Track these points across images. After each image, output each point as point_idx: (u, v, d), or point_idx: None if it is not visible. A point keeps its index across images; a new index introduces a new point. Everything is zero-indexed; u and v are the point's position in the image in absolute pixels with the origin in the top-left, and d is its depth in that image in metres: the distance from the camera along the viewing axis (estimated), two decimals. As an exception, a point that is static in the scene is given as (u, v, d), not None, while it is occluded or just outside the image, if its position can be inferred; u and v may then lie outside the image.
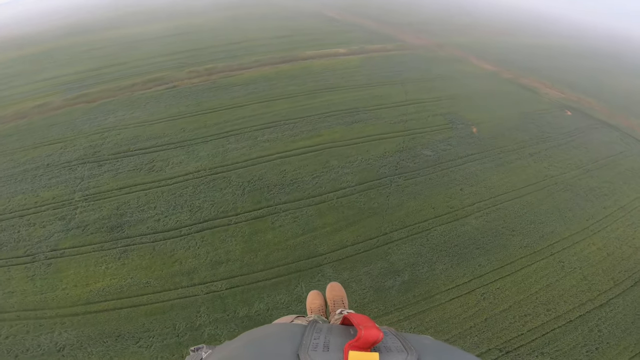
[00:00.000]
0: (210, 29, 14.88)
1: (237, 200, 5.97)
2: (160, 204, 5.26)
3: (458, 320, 4.69)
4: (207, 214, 5.47)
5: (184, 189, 5.94)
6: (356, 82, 9.99)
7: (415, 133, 8.04)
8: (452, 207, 6.35)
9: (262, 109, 8.52)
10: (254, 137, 7.55)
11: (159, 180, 6.00)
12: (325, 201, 6.11)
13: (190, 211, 5.39)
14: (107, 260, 4.23)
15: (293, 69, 10.77)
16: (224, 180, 6.43)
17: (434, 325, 4.52)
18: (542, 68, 14.29)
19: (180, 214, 5.26)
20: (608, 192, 7.38)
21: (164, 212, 5.04)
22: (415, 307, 4.69)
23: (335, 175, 6.59)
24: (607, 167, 8.17)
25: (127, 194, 5.53)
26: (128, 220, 4.84)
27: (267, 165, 6.77)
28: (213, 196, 5.95)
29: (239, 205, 5.88)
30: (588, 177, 7.71)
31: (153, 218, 4.87)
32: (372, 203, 6.16)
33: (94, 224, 4.96)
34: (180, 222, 5.08)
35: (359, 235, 5.63)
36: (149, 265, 4.52)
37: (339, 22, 15.64)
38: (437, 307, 4.83)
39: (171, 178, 6.16)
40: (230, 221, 5.47)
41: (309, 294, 1.72)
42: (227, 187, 6.24)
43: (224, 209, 5.71)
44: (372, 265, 5.25)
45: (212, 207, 5.68)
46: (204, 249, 4.88)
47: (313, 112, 8.37)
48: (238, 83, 9.94)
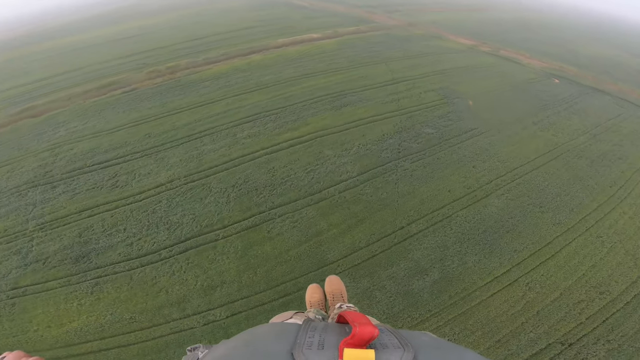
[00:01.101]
0: (171, 27, 13.41)
1: (223, 210, 4.85)
2: (130, 224, 4.61)
3: (506, 317, 3.87)
4: (189, 230, 4.54)
5: (157, 204, 4.96)
6: (337, 65, 8.92)
7: (411, 111, 7.07)
8: (469, 187, 5.41)
9: (237, 103, 7.27)
10: (232, 134, 6.32)
11: (126, 197, 5.08)
12: (325, 198, 5.01)
13: (168, 230, 4.50)
14: (79, 295, 3.69)
15: (266, 58, 9.54)
16: (204, 188, 5.24)
17: (480, 327, 3.69)
18: (517, 40, 13.88)
19: (157, 234, 4.42)
20: (621, 155, 6.79)
21: (137, 234, 4.48)
22: (453, 309, 3.84)
23: (332, 167, 5.47)
24: (611, 131, 7.62)
25: (89, 217, 4.70)
26: (94, 247, 4.19)
27: (252, 165, 5.59)
28: (193, 208, 4.88)
29: (225, 216, 4.76)
30: (597, 142, 7.09)
31: (124, 242, 4.34)
32: (380, 194, 5.11)
33: (55, 255, 4.14)
34: (157, 243, 4.30)
35: (373, 234, 4.58)
36: (129, 298, 3.72)
37: (307, 8, 14.50)
38: (478, 305, 3.95)
39: (140, 193, 5.15)
40: (217, 236, 4.50)
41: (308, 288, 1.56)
42: (209, 196, 5.08)
43: (208, 223, 4.68)
44: (394, 267, 4.26)
45: (194, 222, 4.66)
46: (192, 273, 3.99)
47: (295, 100, 7.22)
48: (206, 78, 8.63)
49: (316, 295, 1.58)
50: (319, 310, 1.23)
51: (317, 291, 1.62)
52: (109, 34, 13.09)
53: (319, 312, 1.20)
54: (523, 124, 7.36)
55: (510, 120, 7.45)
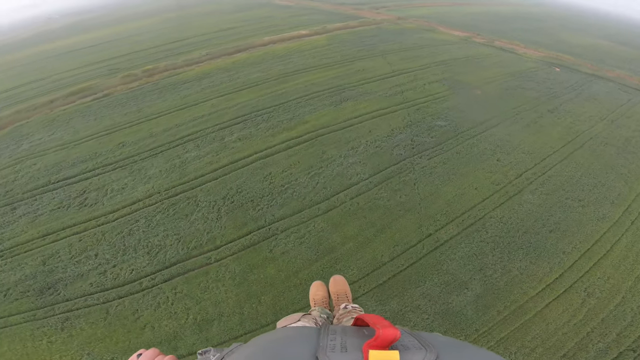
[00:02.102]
0: (148, 32, 12.43)
1: (213, 228, 4.03)
2: (102, 249, 3.83)
3: (568, 328, 3.23)
4: (174, 254, 3.73)
5: (134, 223, 4.11)
6: (330, 59, 8.14)
7: (418, 103, 6.32)
8: (498, 183, 4.66)
9: (223, 104, 6.39)
10: (219, 138, 5.43)
11: (96, 217, 4.22)
12: (335, 206, 4.17)
13: (148, 254, 3.72)
14: (47, 332, 3.11)
15: (253, 56, 8.68)
16: (189, 202, 4.39)
17: (540, 342, 3.10)
18: (508, 31, 13.47)
19: (135, 259, 3.66)
20: None
21: (111, 261, 3.72)
22: (505, 325, 3.26)
23: (339, 169, 4.64)
24: (626, 117, 7.09)
25: (54, 242, 3.93)
26: (61, 277, 3.53)
27: (245, 172, 4.71)
28: (177, 228, 4.03)
29: (216, 235, 3.93)
30: (617, 128, 6.52)
31: (96, 270, 3.63)
32: (398, 197, 4.30)
33: (17, 286, 3.42)
34: (137, 271, 3.52)
35: (396, 245, 3.77)
36: (108, 335, 3.01)
37: (293, 7, 13.75)
38: (533, 318, 3.28)
39: (113, 212, 4.28)
40: (209, 259, 3.69)
41: (312, 285, 1.47)
42: (195, 212, 4.25)
43: (196, 244, 3.84)
44: (426, 283, 3.51)
45: (179, 244, 3.84)
46: (182, 305, 3.25)
47: (289, 97, 6.38)
48: (188, 80, 7.72)
49: (320, 293, 1.50)
50: (323, 309, 1.18)
51: (321, 288, 1.53)
52: (81, 42, 12.02)
53: (324, 310, 1.16)
54: (538, 112, 6.72)
55: (525, 108, 6.80)
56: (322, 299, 1.61)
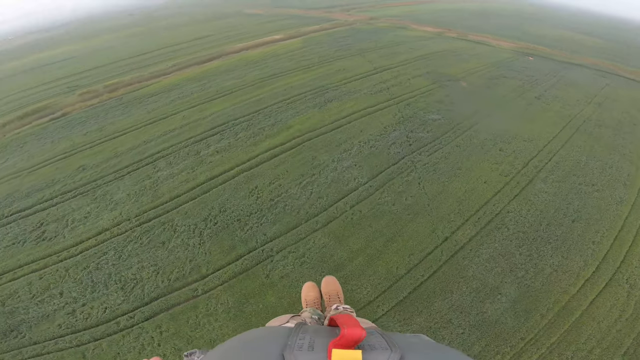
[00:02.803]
0: (110, 47, 11.52)
1: (196, 255, 3.48)
2: (67, 287, 3.32)
3: (621, 324, 2.91)
4: (153, 288, 3.19)
5: (102, 256, 3.53)
6: (308, 61, 7.64)
7: (405, 99, 5.89)
8: (506, 174, 4.23)
9: (196, 114, 5.70)
10: (194, 152, 4.76)
11: (57, 251, 3.65)
12: (335, 217, 3.58)
13: (122, 290, 3.22)
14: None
15: (225, 63, 8.05)
16: (165, 227, 3.79)
17: (596, 343, 2.79)
18: (477, 25, 13.58)
19: (107, 296, 3.14)
20: (635, 121, 6.12)
21: (79, 299, 3.18)
22: (553, 329, 2.89)
23: (333, 175, 4.07)
24: (611, 99, 7.01)
25: (11, 281, 3.46)
26: (24, 319, 3.10)
27: (227, 188, 4.07)
28: (154, 257, 3.45)
29: (201, 262, 3.37)
30: (605, 110, 6.40)
31: (63, 310, 3.09)
32: (404, 199, 3.76)
33: None
34: (111, 309, 3.06)
35: (411, 254, 3.23)
36: None
37: (263, 15, 13.25)
38: (582, 318, 2.95)
39: (76, 245, 3.69)
40: (195, 291, 3.15)
41: (304, 286, 1.37)
42: (173, 238, 3.67)
43: (178, 274, 3.28)
44: (454, 293, 3.09)
45: (158, 276, 3.29)
46: (170, 345, 2.74)
47: (268, 102, 5.79)
48: (155, 92, 6.97)
49: (312, 294, 1.36)
50: (315, 310, 1.15)
51: (313, 289, 1.38)
52: (36, 60, 10.90)
53: (315, 311, 1.13)
54: (526, 99, 6.48)
55: (512, 96, 6.55)
56: (314, 300, 1.54)
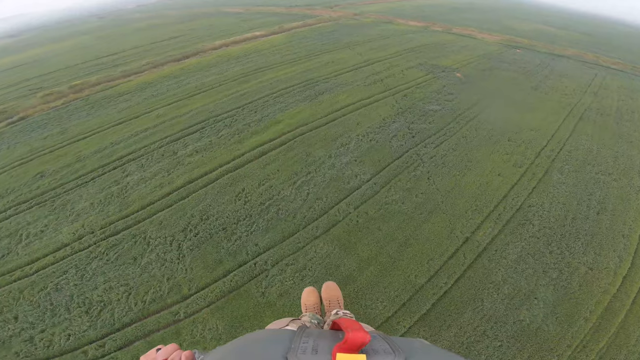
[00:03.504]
0: (79, 49, 10.62)
1: (176, 272, 2.92)
2: (22, 310, 2.80)
3: None
4: (125, 311, 2.70)
5: (61, 275, 3.06)
6: (295, 55, 7.10)
7: (402, 90, 5.46)
8: (520, 165, 3.84)
9: (173, 112, 5.07)
10: (170, 153, 4.13)
11: (10, 270, 3.18)
12: (338, 221, 3.05)
13: (87, 314, 2.72)
14: None
15: (204, 60, 7.40)
16: (136, 240, 3.20)
17: None
18: (459, 20, 13.53)
19: (69, 321, 2.66)
20: (633, 108, 5.98)
21: (36, 324, 2.69)
22: (599, 333, 2.54)
23: (332, 172, 3.55)
24: (603, 88, 6.86)
25: None
26: None
27: (210, 192, 3.48)
28: (123, 276, 3.00)
29: (181, 280, 2.82)
30: (603, 99, 6.24)
31: (19, 337, 2.61)
32: (414, 197, 3.28)
33: None
34: (76, 336, 2.55)
35: (430, 259, 2.77)
36: None
37: (243, 14, 12.63)
38: (628, 319, 2.57)
39: (31, 263, 3.23)
40: (176, 315, 2.66)
41: (304, 291, 1.33)
42: (146, 253, 3.09)
43: (154, 295, 2.72)
44: (484, 301, 2.70)
45: (130, 297, 2.75)
46: None
47: (253, 96, 5.22)
48: (126, 91, 6.27)
49: (312, 299, 1.31)
50: (314, 315, 1.13)
51: (312, 295, 1.32)
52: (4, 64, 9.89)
53: (315, 316, 1.12)
54: (523, 90, 6.20)
55: (509, 87, 6.26)
56: (314, 305, 1.44)
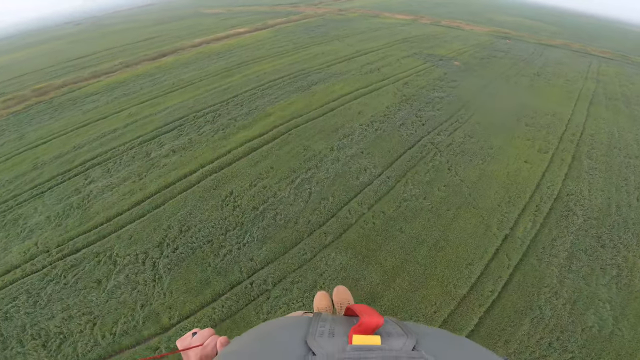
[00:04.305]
0: (51, 52, 9.80)
1: (151, 297, 2.27)
2: None
3: None
4: (90, 345, 2.02)
5: (10, 302, 2.44)
6: (281, 48, 6.55)
7: (401, 78, 5.00)
8: (545, 150, 3.43)
9: (146, 110, 4.45)
10: (143, 154, 3.50)
11: None
12: (350, 224, 2.50)
13: (44, 347, 2.07)
14: None
15: (183, 57, 6.73)
16: (100, 260, 2.53)
17: None
18: (444, 13, 13.41)
19: (24, 356, 2.01)
20: (638, 93, 5.69)
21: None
22: None
23: (336, 167, 2.98)
24: (602, 74, 6.69)
25: None
26: None
27: (190, 198, 2.87)
28: (86, 302, 2.26)
29: (159, 307, 2.18)
30: (605, 84, 6.05)
31: None
32: (436, 191, 2.76)
33: None
34: None
35: (468, 264, 2.28)
36: None
37: (225, 14, 12.02)
38: None
39: None
40: (157, 350, 2.01)
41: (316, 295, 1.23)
42: (114, 274, 2.45)
43: (126, 326, 2.09)
44: (542, 308, 2.18)
45: (96, 328, 2.12)
46: None
47: (238, 90, 4.65)
48: (95, 92, 5.62)
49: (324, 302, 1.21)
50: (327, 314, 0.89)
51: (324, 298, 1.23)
52: None
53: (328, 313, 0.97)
54: (527, 76, 5.90)
55: (511, 74, 5.95)
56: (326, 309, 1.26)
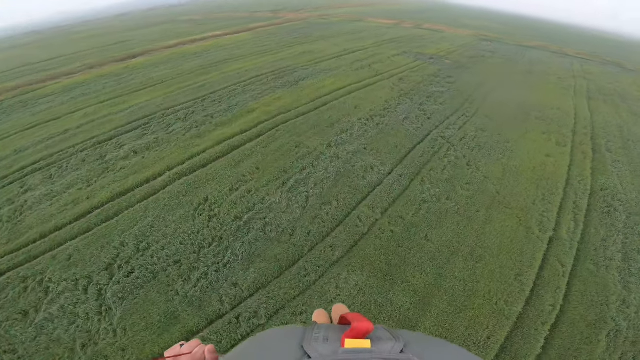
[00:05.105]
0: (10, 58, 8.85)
1: (97, 335, 1.68)
2: None
3: None
4: None
5: None
6: (263, 48, 6.06)
7: (395, 74, 4.63)
8: (563, 143, 3.11)
9: (106, 110, 3.83)
10: (96, 156, 2.85)
11: None
12: (363, 234, 1.95)
13: None
14: None
15: (154, 58, 6.09)
16: (28, 285, 1.95)
17: None
18: (424, 19, 13.46)
19: None
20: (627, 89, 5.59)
21: None
22: None
23: (337, 165, 2.43)
24: (588, 72, 6.61)
25: None
26: None
27: (151, 207, 2.23)
28: (8, 338, 1.60)
29: (107, 350, 1.59)
30: (595, 81, 5.95)
31: None
32: (458, 189, 2.30)
33: None
34: None
35: (516, 273, 1.70)
36: None
37: (202, 20, 11.43)
38: None
39: None
40: None
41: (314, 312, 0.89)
42: (44, 304, 1.89)
43: None
44: (616, 320, 1.76)
45: None
46: None
47: (216, 86, 4.09)
48: (51, 93, 5.03)
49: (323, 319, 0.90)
50: None
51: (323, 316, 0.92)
52: None
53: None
54: (520, 73, 5.75)
55: (504, 71, 5.73)
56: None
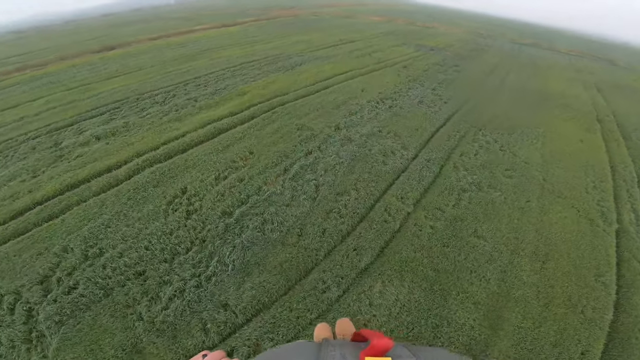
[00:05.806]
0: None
1: None
2: None
3: None
4: None
5: None
6: (253, 38, 5.70)
7: (398, 62, 4.37)
8: (592, 129, 2.82)
9: (71, 96, 3.31)
10: (49, 143, 2.29)
11: None
12: (395, 231, 1.48)
13: None
14: None
15: (133, 50, 5.58)
16: None
17: None
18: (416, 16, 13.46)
19: None
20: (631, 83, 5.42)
21: None
22: None
23: (352, 148, 2.02)
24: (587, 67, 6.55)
25: None
26: None
27: (109, 201, 1.63)
28: None
29: None
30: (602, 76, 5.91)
31: None
32: (501, 176, 1.89)
33: None
34: None
35: (595, 273, 1.77)
36: None
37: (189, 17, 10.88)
38: None
39: None
40: None
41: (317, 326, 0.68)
42: None
43: None
44: None
45: None
46: None
47: (202, 71, 3.63)
48: (14, 84, 4.44)
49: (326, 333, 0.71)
50: None
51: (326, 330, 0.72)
52: None
53: None
54: (526, 65, 5.61)
55: (509, 63, 5.51)
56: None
